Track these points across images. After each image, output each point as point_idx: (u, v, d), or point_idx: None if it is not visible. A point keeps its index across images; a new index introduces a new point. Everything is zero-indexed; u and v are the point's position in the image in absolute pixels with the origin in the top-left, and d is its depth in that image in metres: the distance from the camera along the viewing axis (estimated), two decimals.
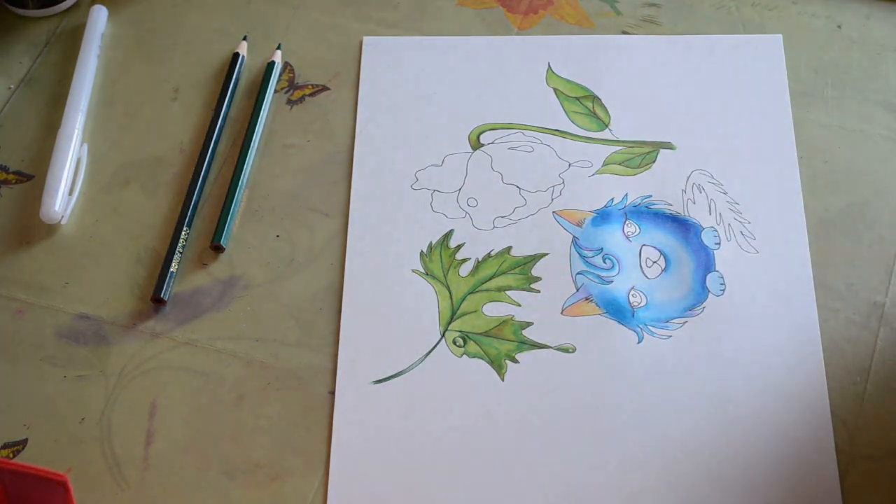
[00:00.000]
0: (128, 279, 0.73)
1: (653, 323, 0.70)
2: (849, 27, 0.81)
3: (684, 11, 0.82)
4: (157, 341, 0.71)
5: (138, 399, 0.69)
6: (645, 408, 0.67)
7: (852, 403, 0.67)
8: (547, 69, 0.80)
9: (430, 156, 0.77)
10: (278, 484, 0.66)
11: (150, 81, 0.81)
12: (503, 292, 0.71)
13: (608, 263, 0.72)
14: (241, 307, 0.72)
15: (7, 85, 0.81)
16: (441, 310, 0.71)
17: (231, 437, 0.67)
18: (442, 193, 0.75)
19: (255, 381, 0.69)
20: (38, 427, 0.68)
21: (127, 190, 0.76)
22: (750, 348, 0.69)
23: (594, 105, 0.78)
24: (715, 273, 0.72)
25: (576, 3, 0.83)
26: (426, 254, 0.73)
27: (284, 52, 0.81)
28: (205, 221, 0.75)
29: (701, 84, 0.79)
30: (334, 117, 0.79)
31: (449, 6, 0.83)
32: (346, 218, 0.74)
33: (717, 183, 0.75)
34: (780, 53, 0.80)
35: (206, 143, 0.77)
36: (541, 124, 0.78)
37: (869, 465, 0.66)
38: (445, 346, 0.70)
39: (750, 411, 0.67)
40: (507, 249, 0.73)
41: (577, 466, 0.66)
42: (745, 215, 0.74)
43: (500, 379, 0.69)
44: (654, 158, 0.76)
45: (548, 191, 0.75)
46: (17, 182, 0.77)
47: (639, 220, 0.74)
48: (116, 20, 0.84)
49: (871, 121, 0.77)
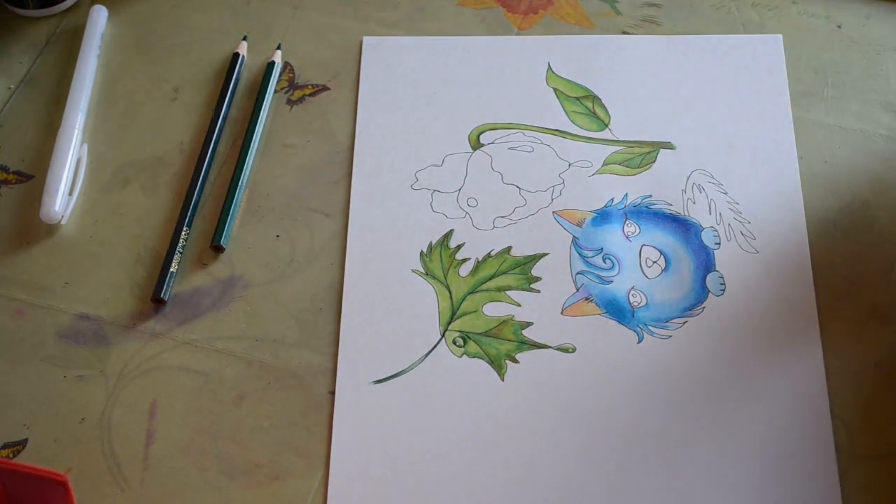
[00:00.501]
0: (128, 279, 0.73)
1: (653, 323, 0.70)
2: (849, 27, 0.81)
3: (684, 11, 0.82)
4: (157, 341, 0.71)
5: (138, 399, 0.69)
6: (645, 407, 0.67)
7: (852, 403, 0.67)
8: (547, 69, 0.80)
9: (430, 156, 0.77)
10: (278, 484, 0.66)
11: (150, 81, 0.81)
12: (503, 292, 0.71)
13: (608, 263, 0.72)
14: (241, 307, 0.72)
15: (7, 85, 0.81)
16: (441, 310, 0.71)
17: (231, 437, 0.67)
18: (442, 193, 0.75)
19: (255, 381, 0.69)
20: (38, 427, 0.68)
21: (127, 190, 0.76)
22: (750, 348, 0.69)
23: (594, 105, 0.78)
24: (715, 273, 0.72)
25: (576, 3, 0.83)
26: (426, 254, 0.73)
27: (284, 52, 0.81)
28: (205, 221, 0.75)
29: (701, 84, 0.79)
30: (334, 117, 0.79)
31: (449, 6, 0.83)
32: (346, 218, 0.74)
33: (717, 183, 0.75)
34: (781, 53, 0.80)
35: (206, 143, 0.77)
36: (541, 124, 0.78)
37: (869, 465, 0.66)
38: (445, 346, 0.70)
39: (749, 411, 0.67)
40: (507, 249, 0.73)
41: (577, 466, 0.66)
42: (744, 215, 0.74)
43: (500, 379, 0.69)
44: (654, 158, 0.76)
45: (548, 191, 0.75)
46: (17, 182, 0.77)
47: (639, 220, 0.74)
48: (116, 20, 0.83)
49: (871, 121, 0.77)
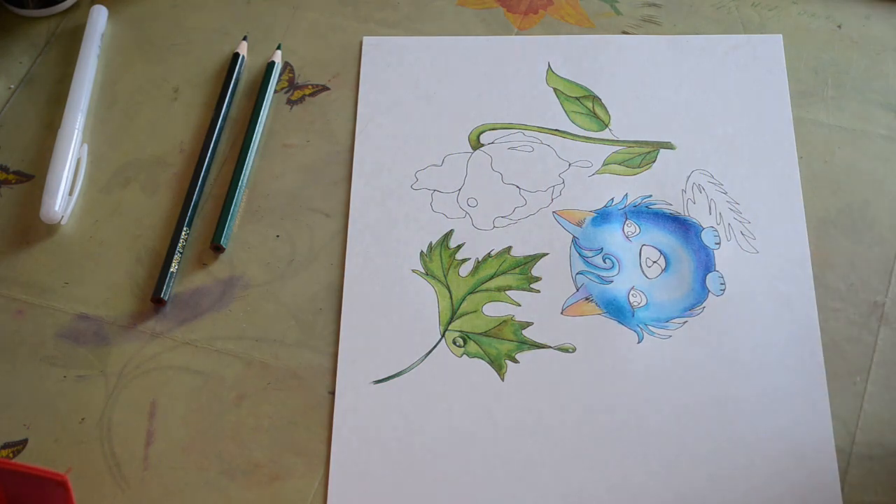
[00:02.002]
0: (128, 279, 0.73)
1: (653, 323, 0.70)
2: (849, 27, 0.81)
3: (684, 11, 0.82)
4: (157, 341, 0.71)
5: (138, 399, 0.69)
6: (644, 407, 0.67)
7: (852, 403, 0.67)
8: (547, 69, 0.80)
9: (430, 156, 0.77)
10: (278, 484, 0.66)
11: (150, 81, 0.81)
12: (503, 292, 0.71)
13: (608, 263, 0.72)
14: (241, 307, 0.72)
15: (7, 85, 0.81)
16: (441, 310, 0.71)
17: (231, 437, 0.67)
18: (442, 193, 0.75)
19: (255, 381, 0.69)
20: (38, 427, 0.68)
21: (127, 190, 0.76)
22: (750, 348, 0.69)
23: (594, 105, 0.78)
24: (715, 273, 0.72)
25: (576, 3, 0.83)
26: (426, 254, 0.73)
27: (284, 52, 0.81)
28: (205, 221, 0.75)
29: (701, 84, 0.79)
30: (334, 117, 0.79)
31: (449, 6, 0.83)
32: (346, 218, 0.74)
33: (717, 183, 0.75)
34: (781, 53, 0.80)
35: (206, 143, 0.77)
36: (541, 124, 0.78)
37: (869, 465, 0.66)
38: (445, 346, 0.70)
39: (750, 411, 0.67)
40: (507, 249, 0.73)
41: (577, 466, 0.66)
42: (745, 215, 0.74)
43: (500, 379, 0.69)
44: (654, 158, 0.76)
45: (548, 191, 0.75)
46: (17, 182, 0.77)
47: (639, 220, 0.74)
48: (116, 20, 0.83)
49: (871, 121, 0.77)
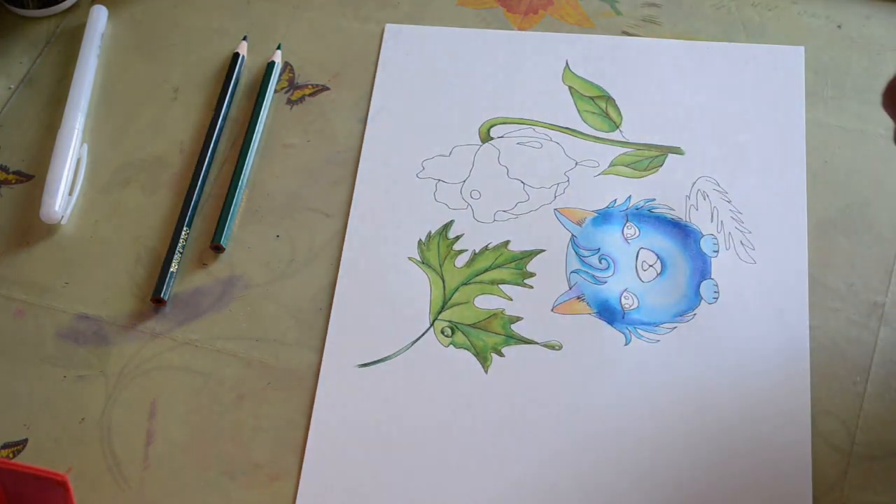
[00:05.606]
0: (128, 279, 0.73)
1: (642, 326, 0.70)
2: (849, 27, 0.81)
3: (684, 11, 0.82)
4: (156, 341, 0.71)
5: (138, 399, 0.69)
6: (626, 409, 0.67)
7: (852, 403, 0.67)
8: (564, 67, 0.79)
9: (438, 145, 0.77)
10: (278, 484, 0.66)
11: (150, 81, 0.81)
12: (496, 285, 0.71)
13: (604, 264, 0.72)
14: (241, 307, 0.72)
15: (7, 85, 0.81)
16: (433, 298, 0.71)
17: (231, 437, 0.67)
18: (446, 184, 0.75)
19: (255, 381, 0.69)
20: (38, 427, 0.68)
21: (127, 190, 0.76)
22: (737, 357, 0.68)
23: (607, 106, 0.78)
24: (710, 281, 0.71)
25: (576, 3, 0.83)
26: (424, 242, 0.73)
27: (284, 52, 0.81)
28: (205, 221, 0.75)
29: (717, 91, 0.78)
30: (334, 117, 0.79)
31: (449, 6, 0.83)
32: (346, 218, 0.74)
33: (722, 191, 0.74)
34: (801, 65, 0.78)
35: (206, 143, 0.77)
36: (552, 121, 0.77)
37: (869, 465, 0.66)
38: (433, 334, 0.70)
39: (729, 420, 0.66)
40: (504, 243, 0.73)
41: (555, 463, 0.65)
42: (746, 225, 0.73)
43: (484, 371, 0.69)
44: (662, 162, 0.76)
45: (552, 188, 0.75)
46: (17, 182, 0.77)
47: (639, 222, 0.73)
48: (116, 20, 0.84)
49: (871, 121, 0.77)
